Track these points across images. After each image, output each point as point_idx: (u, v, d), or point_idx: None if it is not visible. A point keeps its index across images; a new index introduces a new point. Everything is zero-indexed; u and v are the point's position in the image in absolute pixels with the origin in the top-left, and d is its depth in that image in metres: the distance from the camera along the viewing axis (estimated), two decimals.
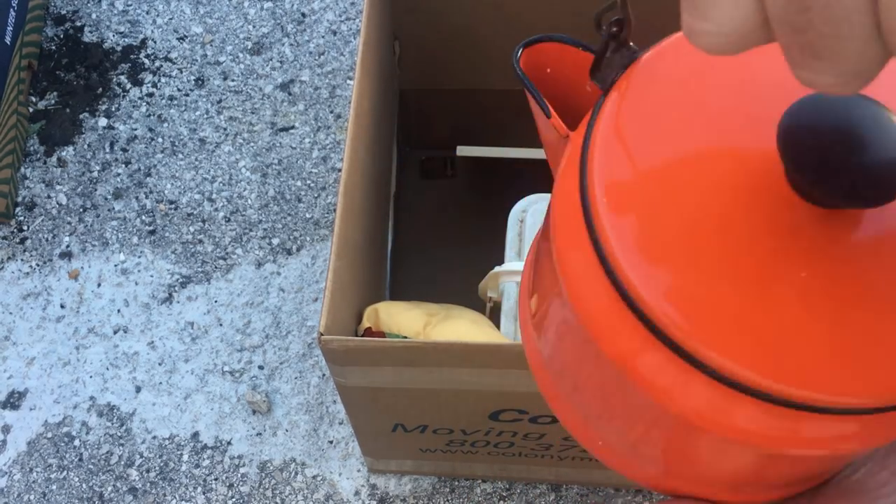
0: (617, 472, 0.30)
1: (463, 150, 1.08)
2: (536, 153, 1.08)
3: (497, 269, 0.74)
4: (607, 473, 0.85)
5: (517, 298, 0.78)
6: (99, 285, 1.05)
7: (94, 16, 1.26)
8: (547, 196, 0.86)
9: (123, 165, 1.13)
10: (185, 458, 0.94)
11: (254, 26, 1.24)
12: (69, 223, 1.09)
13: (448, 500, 0.91)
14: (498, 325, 0.75)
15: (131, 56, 1.22)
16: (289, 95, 1.18)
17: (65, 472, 0.94)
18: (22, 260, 1.07)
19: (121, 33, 1.24)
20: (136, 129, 1.16)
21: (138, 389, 0.98)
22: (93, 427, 0.96)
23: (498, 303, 0.77)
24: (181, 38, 1.24)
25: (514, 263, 0.75)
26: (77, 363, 1.00)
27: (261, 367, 0.99)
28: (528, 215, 0.83)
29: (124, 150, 1.15)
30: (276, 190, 1.11)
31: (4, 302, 1.04)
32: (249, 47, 1.22)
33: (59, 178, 1.12)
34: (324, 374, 0.98)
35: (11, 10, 1.14)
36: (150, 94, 1.19)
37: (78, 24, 1.25)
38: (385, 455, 0.86)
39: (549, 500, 0.91)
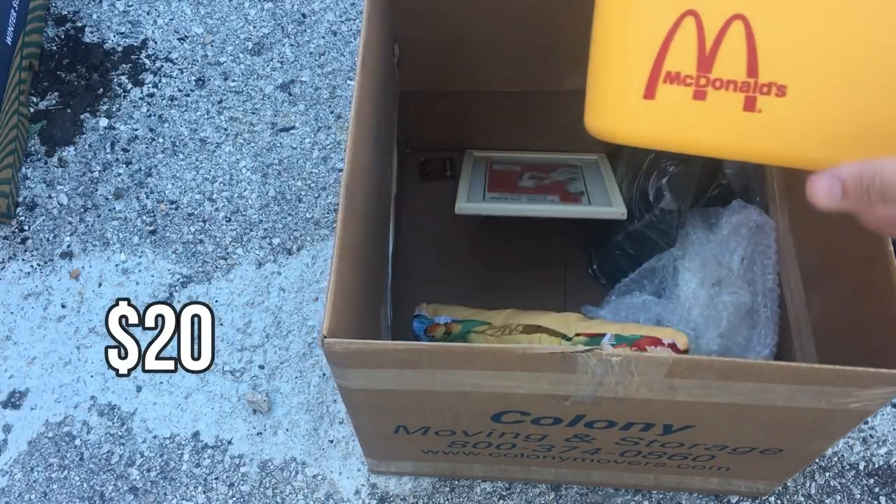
0: None
1: (467, 153, 1.08)
2: (536, 153, 1.08)
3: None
4: (607, 474, 0.86)
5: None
6: (100, 285, 1.05)
7: (94, 16, 1.26)
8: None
9: (124, 165, 1.14)
10: (186, 457, 0.95)
11: (254, 27, 1.24)
12: (70, 223, 1.10)
13: (448, 500, 0.91)
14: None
15: (132, 56, 1.22)
16: (289, 96, 1.18)
17: (66, 472, 0.94)
18: (23, 260, 1.07)
19: (121, 34, 1.24)
20: (136, 130, 1.16)
21: (139, 389, 0.99)
22: (94, 426, 0.96)
23: None
24: (182, 39, 1.24)
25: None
26: (78, 363, 1.00)
27: (261, 367, 0.99)
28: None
29: (125, 151, 1.15)
30: (277, 190, 1.11)
31: (5, 302, 1.04)
32: (250, 48, 1.23)
33: (60, 179, 1.13)
34: (324, 374, 0.99)
35: (12, 10, 1.15)
36: (151, 95, 1.19)
37: (79, 24, 1.25)
38: (387, 457, 0.87)
39: (548, 499, 0.91)
